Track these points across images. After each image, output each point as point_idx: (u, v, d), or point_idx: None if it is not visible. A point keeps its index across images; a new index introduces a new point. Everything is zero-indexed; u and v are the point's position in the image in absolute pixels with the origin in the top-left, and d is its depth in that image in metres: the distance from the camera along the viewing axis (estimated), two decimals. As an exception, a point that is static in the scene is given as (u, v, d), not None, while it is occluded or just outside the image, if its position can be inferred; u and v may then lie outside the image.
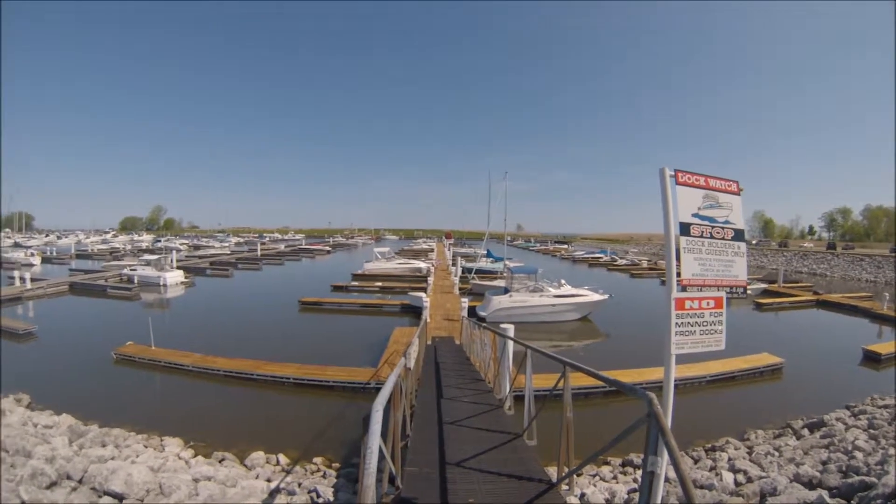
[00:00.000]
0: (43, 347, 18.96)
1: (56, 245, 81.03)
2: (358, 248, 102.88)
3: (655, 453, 2.86)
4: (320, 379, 13.94)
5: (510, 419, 6.88)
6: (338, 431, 11.05)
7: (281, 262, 61.98)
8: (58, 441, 9.04)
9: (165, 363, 15.62)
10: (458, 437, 5.95)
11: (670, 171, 4.22)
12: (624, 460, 9.53)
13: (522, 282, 25.14)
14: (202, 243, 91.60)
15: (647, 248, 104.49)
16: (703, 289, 4.27)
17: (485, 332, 10.71)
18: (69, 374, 15.30)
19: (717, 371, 14.64)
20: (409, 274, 43.01)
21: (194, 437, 10.43)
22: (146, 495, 7.12)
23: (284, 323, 24.36)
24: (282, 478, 8.65)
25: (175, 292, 34.90)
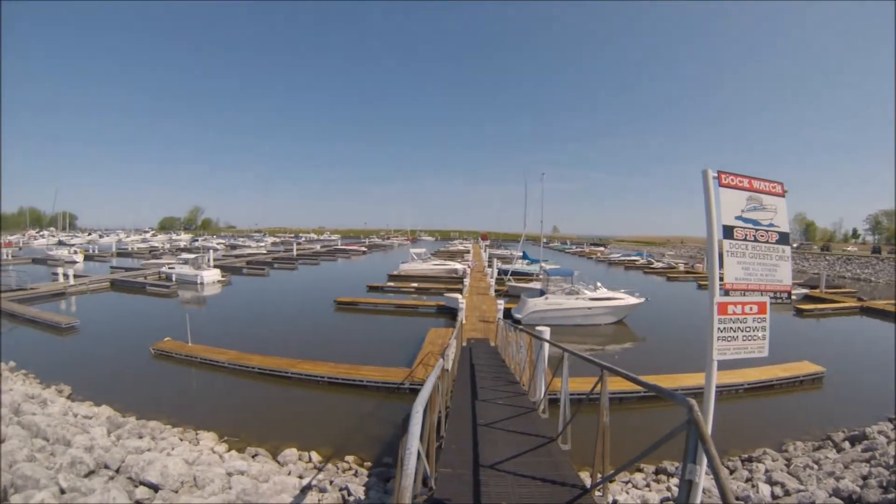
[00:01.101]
0: (84, 341, 20.00)
1: (98, 244, 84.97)
2: (394, 248, 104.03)
3: (695, 461, 2.84)
4: (354, 378, 14.16)
5: (545, 423, 6.90)
6: (370, 431, 11.23)
7: (317, 263, 63.16)
8: (96, 431, 9.47)
9: (202, 359, 16.18)
10: (493, 440, 5.99)
11: (713, 173, 4.17)
12: (657, 468, 9.41)
13: (558, 284, 25.32)
14: (239, 243, 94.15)
15: (684, 251, 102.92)
16: (746, 293, 4.22)
17: (520, 335, 10.77)
18: (108, 367, 16.06)
19: (755, 379, 14.28)
20: (445, 275, 43.32)
21: (229, 433, 10.77)
22: (181, 487, 7.36)
23: (320, 322, 24.88)
24: (314, 475, 8.83)
25: (212, 290, 36.12)
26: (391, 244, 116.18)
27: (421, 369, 14.38)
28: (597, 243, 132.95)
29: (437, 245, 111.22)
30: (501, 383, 9.57)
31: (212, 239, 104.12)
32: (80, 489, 6.67)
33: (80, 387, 13.52)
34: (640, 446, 3.65)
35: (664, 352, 19.28)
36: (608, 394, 4.90)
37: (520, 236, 44.37)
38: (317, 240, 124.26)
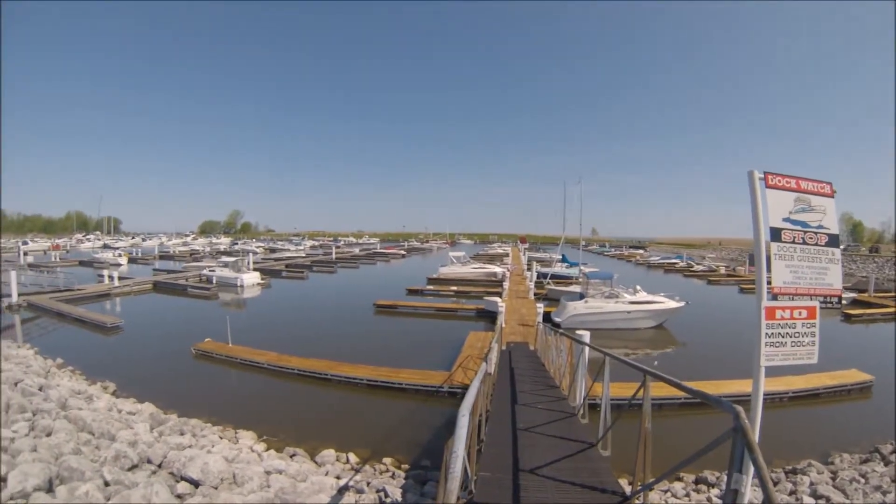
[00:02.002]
0: (128, 340, 21.01)
1: (141, 247, 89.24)
2: (433, 252, 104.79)
3: (741, 470, 2.84)
4: (393, 381, 14.35)
5: (584, 428, 6.92)
6: (408, 434, 11.41)
7: (356, 266, 64.17)
8: (140, 427, 9.87)
9: (242, 360, 16.69)
10: (532, 444, 6.06)
11: (759, 174, 4.17)
12: (697, 477, 9.24)
13: (598, 287, 25.49)
14: (278, 246, 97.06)
15: (725, 253, 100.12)
16: (795, 298, 4.18)
17: (561, 338, 10.84)
18: (151, 365, 16.80)
19: (800, 387, 13.81)
20: (485, 279, 43.91)
21: (267, 432, 11.09)
22: (220, 484, 7.57)
23: (359, 325, 25.22)
24: (351, 476, 9.00)
25: (251, 293, 37.19)
26: (430, 248, 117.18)
27: (460, 373, 14.53)
28: (636, 246, 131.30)
29: (476, 248, 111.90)
30: (541, 387, 9.67)
31: (251, 242, 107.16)
32: (123, 482, 6.94)
33: (125, 384, 14.21)
34: (681, 454, 3.63)
35: (705, 357, 19.17)
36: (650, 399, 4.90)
37: (558, 239, 44.99)
38: (356, 243, 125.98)
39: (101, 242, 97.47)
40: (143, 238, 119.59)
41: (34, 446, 7.31)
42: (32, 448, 7.21)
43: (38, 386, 11.32)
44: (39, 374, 13.27)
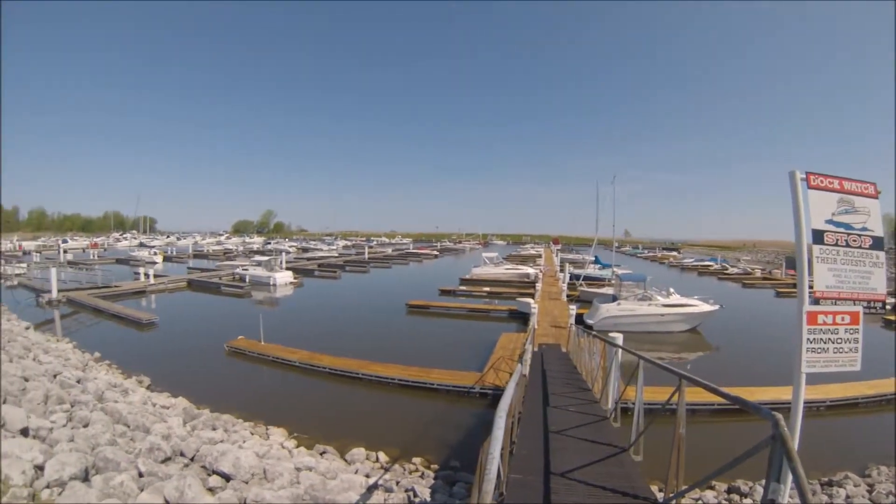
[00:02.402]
0: (163, 336, 21.70)
1: (176, 245, 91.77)
2: (465, 252, 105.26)
3: (778, 480, 2.79)
4: (424, 381, 14.45)
5: (616, 432, 6.91)
6: (438, 434, 11.49)
7: (388, 266, 64.62)
8: (173, 421, 10.12)
9: (274, 358, 16.99)
10: (563, 447, 6.08)
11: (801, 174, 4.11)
12: (730, 486, 9.09)
13: (631, 290, 25.45)
14: (311, 246, 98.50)
15: (761, 255, 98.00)
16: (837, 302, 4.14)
17: (593, 341, 10.80)
18: (185, 361, 17.32)
19: (838, 396, 13.29)
20: (517, 279, 43.96)
21: (298, 429, 11.29)
22: (251, 479, 7.69)
23: (391, 325, 25.50)
24: (380, 475, 9.07)
25: (284, 292, 37.81)
26: (463, 248, 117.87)
27: (491, 374, 14.58)
28: (669, 247, 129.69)
29: (508, 249, 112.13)
30: (573, 390, 9.69)
31: (284, 242, 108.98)
32: (157, 474, 7.11)
33: (159, 378, 14.69)
34: (714, 461, 3.57)
35: (739, 363, 18.79)
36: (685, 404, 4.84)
37: (591, 240, 45.31)
38: (388, 243, 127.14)
39: (137, 241, 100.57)
40: (178, 237, 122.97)
41: (72, 437, 7.55)
42: (70, 438, 7.45)
43: (77, 379, 11.73)
44: (77, 367, 13.80)
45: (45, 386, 9.86)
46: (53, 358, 13.74)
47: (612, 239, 40.56)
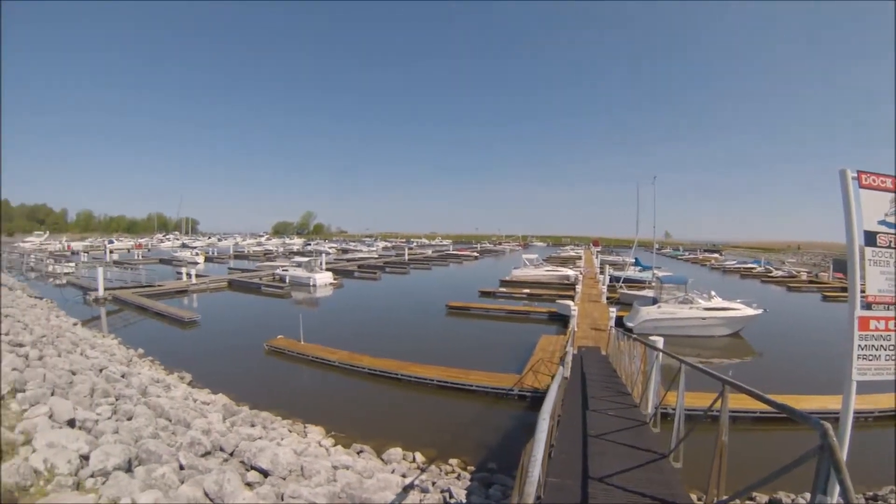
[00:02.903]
0: (204, 334, 22.59)
1: (217, 246, 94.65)
2: (505, 254, 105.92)
3: (825, 492, 2.76)
4: (463, 383, 14.57)
5: (656, 438, 6.90)
6: (476, 435, 11.57)
7: (429, 267, 65.43)
8: (213, 417, 10.45)
9: (313, 357, 17.37)
10: (602, 451, 6.10)
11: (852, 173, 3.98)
12: (771, 498, 8.87)
13: (671, 292, 25.45)
14: (350, 247, 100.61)
15: (806, 257, 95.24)
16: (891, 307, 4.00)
17: (634, 344, 10.77)
18: (225, 359, 17.96)
19: (887, 406, 12.66)
20: (557, 281, 44.36)
21: (336, 428, 11.52)
22: (289, 475, 7.85)
23: (431, 326, 25.83)
24: (417, 475, 9.17)
25: (324, 292, 38.58)
26: (503, 250, 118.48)
27: (530, 376, 14.61)
28: (710, 249, 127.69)
29: (548, 251, 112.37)
30: (612, 394, 9.68)
31: (324, 243, 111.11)
32: (197, 467, 7.33)
33: (200, 375, 15.24)
34: (757, 471, 3.51)
35: (784, 369, 18.27)
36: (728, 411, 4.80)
37: (631, 242, 45.65)
38: (428, 245, 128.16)
39: (179, 242, 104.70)
40: (219, 238, 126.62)
41: (116, 429, 7.85)
42: (114, 430, 7.75)
43: (121, 373, 12.22)
44: (122, 362, 14.39)
45: (92, 380, 10.29)
46: (100, 353, 14.36)
47: (653, 240, 40.13)
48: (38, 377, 8.93)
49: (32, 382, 8.60)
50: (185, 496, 5.91)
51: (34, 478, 5.46)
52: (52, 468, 5.73)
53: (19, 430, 6.52)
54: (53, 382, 9.07)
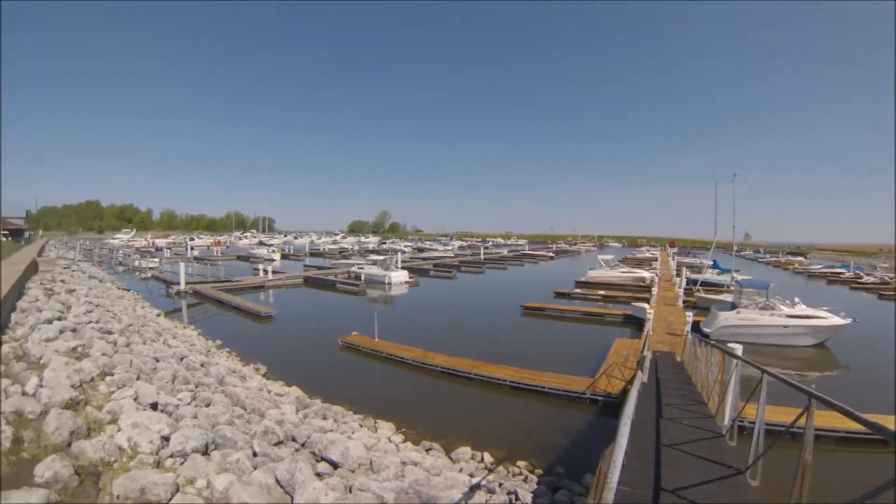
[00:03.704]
0: (279, 329, 23.71)
1: (293, 244, 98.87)
2: (580, 254, 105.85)
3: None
4: (536, 384, 14.61)
5: (732, 452, 6.74)
6: (545, 438, 11.61)
7: (504, 267, 65.68)
8: (287, 408, 10.92)
9: (386, 354, 17.84)
10: (675, 462, 6.07)
11: None
12: None
13: (751, 297, 24.98)
14: (426, 246, 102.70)
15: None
16: None
17: (711, 351, 10.51)
18: (300, 353, 18.84)
19: None
20: (632, 283, 44.47)
21: (406, 424, 11.83)
22: (357, 468, 8.10)
23: (505, 326, 26.00)
24: (484, 475, 9.27)
25: (399, 290, 39.45)
26: (578, 250, 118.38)
27: (603, 380, 14.52)
28: (794, 252, 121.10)
29: (624, 252, 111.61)
30: (687, 402, 9.58)
31: (399, 242, 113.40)
32: (269, 455, 7.70)
33: (274, 367, 16.05)
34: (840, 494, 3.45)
35: (874, 385, 17.07)
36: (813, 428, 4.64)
37: (709, 243, 45.11)
38: (504, 244, 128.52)
39: (256, 240, 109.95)
40: (295, 236, 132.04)
41: (195, 414, 8.38)
42: (193, 415, 8.27)
43: (200, 363, 13.04)
44: (202, 352, 15.36)
45: (174, 367, 11.04)
46: (181, 343, 15.41)
47: (732, 242, 38.97)
48: (125, 362, 9.67)
49: (120, 367, 9.32)
50: (257, 482, 6.21)
51: (118, 454, 5.93)
52: (135, 446, 6.21)
53: (107, 409, 7.10)
54: (139, 368, 9.80)
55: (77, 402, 7.05)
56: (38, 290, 16.53)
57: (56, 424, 5.97)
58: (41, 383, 7.28)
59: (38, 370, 7.93)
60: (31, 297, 14.87)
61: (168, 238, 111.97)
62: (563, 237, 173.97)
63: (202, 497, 5.46)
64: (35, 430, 5.87)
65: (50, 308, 13.57)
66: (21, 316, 12.17)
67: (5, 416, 5.90)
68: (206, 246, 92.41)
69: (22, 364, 8.20)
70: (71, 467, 5.11)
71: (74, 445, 5.81)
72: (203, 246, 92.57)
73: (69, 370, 7.99)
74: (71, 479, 4.99)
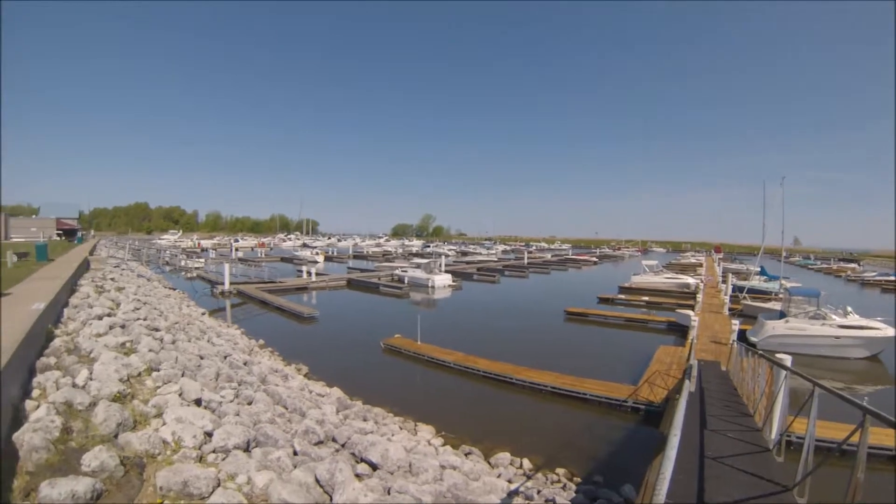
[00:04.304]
0: (322, 330, 24.10)
1: (336, 247, 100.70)
2: (624, 259, 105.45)
3: None
4: (577, 390, 14.55)
5: (779, 467, 6.64)
6: (585, 446, 11.54)
7: (547, 272, 65.43)
8: (327, 408, 11.08)
9: (429, 358, 17.97)
10: (719, 476, 6.02)
11: None
12: None
13: (801, 306, 24.06)
14: (469, 250, 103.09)
15: None
16: None
17: (759, 361, 10.24)
18: (341, 354, 19.10)
19: None
20: (677, 289, 44.20)
21: (446, 428, 11.90)
22: (396, 470, 8.16)
23: (548, 331, 26.05)
24: (522, 482, 9.27)
25: (442, 294, 39.64)
26: (622, 255, 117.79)
27: (646, 388, 14.38)
28: (846, 259, 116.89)
29: (668, 257, 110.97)
30: (732, 414, 9.45)
31: (443, 245, 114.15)
32: (310, 454, 7.82)
33: (316, 368, 16.36)
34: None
35: None
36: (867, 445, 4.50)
37: (756, 249, 44.01)
38: (547, 249, 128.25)
39: (300, 242, 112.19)
40: (339, 239, 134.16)
41: (237, 411, 8.59)
42: (236, 413, 8.47)
43: (243, 361, 13.35)
44: (245, 351, 15.74)
45: (217, 365, 11.32)
46: (224, 341, 15.79)
47: (781, 248, 38.20)
48: (171, 359, 9.99)
49: (166, 363, 9.62)
50: (297, 480, 6.30)
51: (162, 447, 6.13)
52: (178, 440, 6.41)
53: (152, 404, 7.34)
54: (184, 365, 10.10)
55: (124, 396, 7.32)
56: (90, 287, 17.24)
57: (104, 416, 6.21)
58: (91, 376, 7.61)
59: (89, 364, 8.26)
60: (83, 294, 15.52)
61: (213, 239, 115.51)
62: (606, 242, 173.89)
63: (242, 493, 5.58)
64: (84, 420, 6.13)
65: (100, 304, 14.15)
66: (73, 311, 12.72)
67: (55, 406, 6.19)
68: (250, 247, 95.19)
69: (73, 357, 8.56)
70: (117, 458, 5.32)
71: (121, 437, 6.04)
72: (247, 247, 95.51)
73: (117, 364, 8.30)
74: (116, 469, 5.19)
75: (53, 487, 4.52)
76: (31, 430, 5.40)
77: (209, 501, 5.18)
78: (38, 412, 6.00)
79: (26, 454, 5.08)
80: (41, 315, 9.74)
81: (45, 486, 4.53)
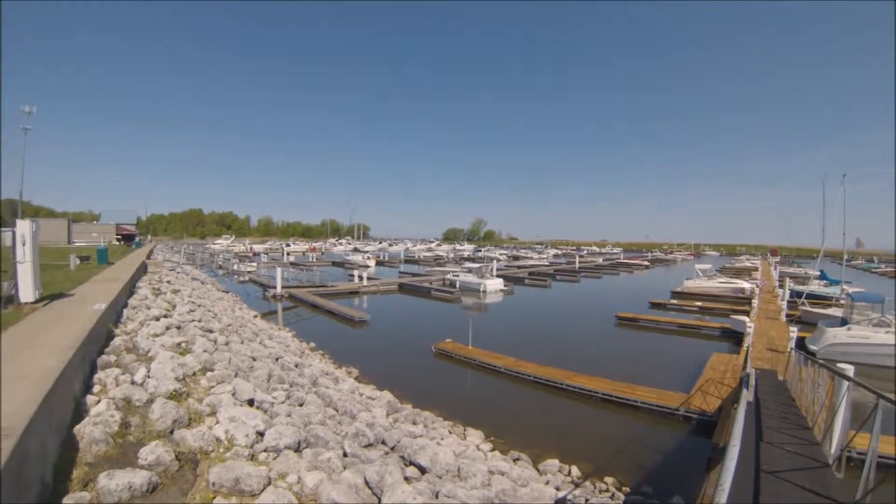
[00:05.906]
0: (373, 334, 24.45)
1: (388, 251, 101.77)
2: (677, 263, 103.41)
3: None
4: (628, 398, 14.38)
5: (839, 484, 6.42)
6: (635, 455, 11.33)
7: (599, 276, 64.88)
8: (378, 412, 11.22)
9: (479, 362, 18.01)
10: (776, 491, 5.91)
11: None
12: None
13: (864, 312, 23.35)
14: (521, 254, 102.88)
15: None
16: None
17: (819, 371, 9.79)
18: (392, 358, 19.37)
19: None
20: (731, 295, 43.31)
21: (495, 433, 11.89)
22: (445, 474, 8.18)
23: (599, 336, 25.85)
24: (570, 489, 9.17)
25: (494, 298, 39.58)
26: (674, 259, 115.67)
27: (699, 397, 14.09)
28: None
29: (722, 261, 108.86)
30: (789, 426, 9.20)
31: (494, 250, 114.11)
32: (359, 456, 7.93)
33: (367, 371, 16.56)
34: None
35: None
36: None
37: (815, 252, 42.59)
38: (599, 252, 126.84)
39: (351, 246, 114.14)
40: (390, 243, 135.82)
41: (289, 413, 8.79)
42: (287, 414, 8.67)
43: (295, 363, 13.67)
44: (296, 353, 16.14)
45: (269, 366, 11.61)
46: (276, 344, 16.21)
47: (842, 251, 36.41)
48: (224, 360, 10.31)
49: (220, 364, 9.95)
50: (346, 481, 6.40)
51: (215, 445, 6.33)
52: (231, 439, 6.61)
53: (206, 402, 7.61)
54: (237, 366, 10.41)
55: (180, 394, 7.61)
56: (147, 290, 18.00)
57: (160, 413, 6.48)
58: (148, 374, 7.95)
59: (146, 362, 8.63)
60: (141, 296, 16.21)
61: (265, 244, 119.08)
62: (658, 245, 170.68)
63: (293, 492, 5.71)
64: (141, 416, 6.41)
65: (157, 306, 14.76)
66: (132, 312, 13.31)
67: (115, 402, 6.50)
68: (301, 252, 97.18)
69: (132, 356, 8.96)
70: (172, 453, 5.55)
71: (176, 433, 6.28)
72: (299, 252, 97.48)
73: (174, 364, 8.64)
74: (171, 464, 5.41)
75: (111, 479, 4.75)
76: (92, 423, 5.71)
77: (259, 499, 5.32)
78: (98, 407, 6.34)
79: (86, 446, 5.36)
80: (102, 315, 10.25)
81: (104, 477, 4.77)
